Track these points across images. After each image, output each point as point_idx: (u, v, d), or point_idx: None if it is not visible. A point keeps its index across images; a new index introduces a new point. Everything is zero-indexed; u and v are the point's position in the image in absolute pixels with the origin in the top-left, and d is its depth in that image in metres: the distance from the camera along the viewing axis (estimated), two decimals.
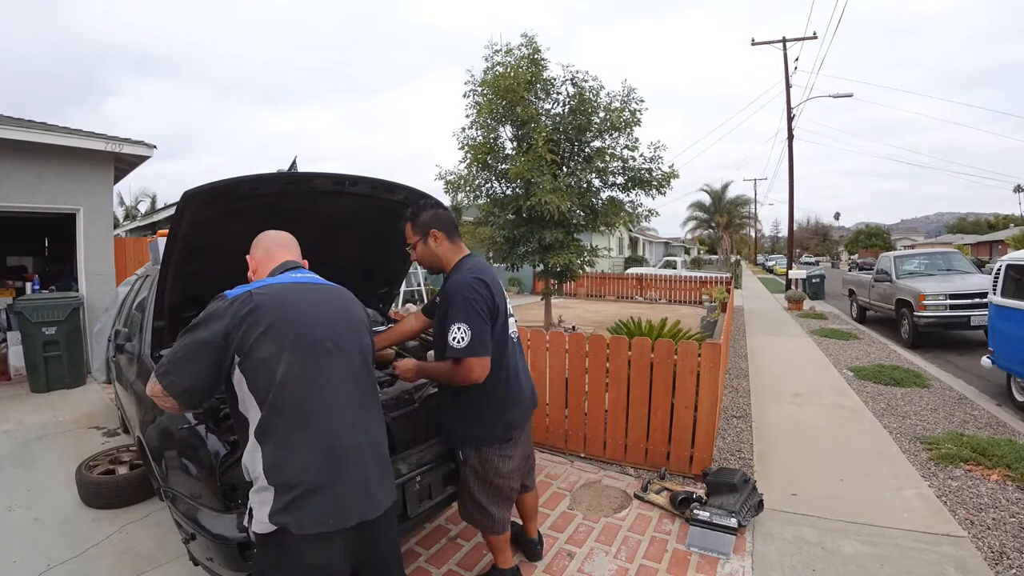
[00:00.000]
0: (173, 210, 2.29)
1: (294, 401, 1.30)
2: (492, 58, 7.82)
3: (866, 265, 24.03)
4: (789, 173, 15.46)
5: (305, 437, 1.30)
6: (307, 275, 1.55)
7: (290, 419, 1.30)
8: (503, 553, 2.18)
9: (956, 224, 72.39)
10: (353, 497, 1.32)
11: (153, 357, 2.49)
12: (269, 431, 1.30)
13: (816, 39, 15.06)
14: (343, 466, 1.33)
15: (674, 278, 16.60)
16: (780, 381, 5.75)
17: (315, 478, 1.28)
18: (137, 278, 3.95)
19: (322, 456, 1.31)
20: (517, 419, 2.07)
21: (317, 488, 1.27)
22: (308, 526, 1.25)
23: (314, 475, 1.28)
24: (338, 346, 1.41)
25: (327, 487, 1.29)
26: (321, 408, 1.33)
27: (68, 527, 2.73)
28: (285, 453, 1.29)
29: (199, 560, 1.85)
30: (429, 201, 2.19)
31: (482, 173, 8.11)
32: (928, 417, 4.42)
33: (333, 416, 1.35)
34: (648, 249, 35.79)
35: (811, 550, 2.47)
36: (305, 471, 1.28)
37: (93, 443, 3.90)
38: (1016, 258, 4.83)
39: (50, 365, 5.35)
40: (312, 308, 1.42)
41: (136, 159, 6.57)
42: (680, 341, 3.34)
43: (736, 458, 3.60)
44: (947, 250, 10.35)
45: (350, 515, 1.30)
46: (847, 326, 9.91)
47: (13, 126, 5.45)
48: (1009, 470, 3.23)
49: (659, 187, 7.95)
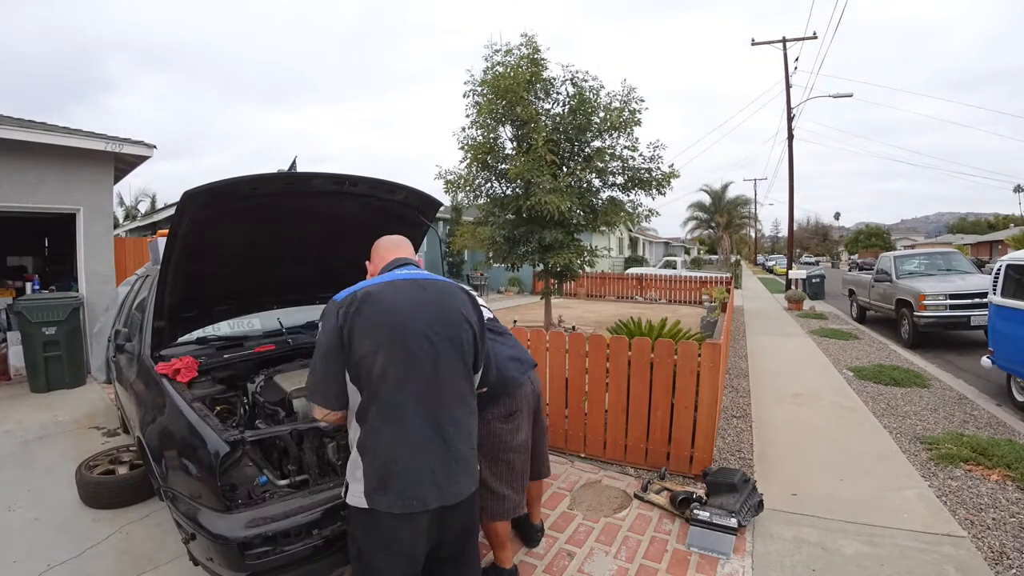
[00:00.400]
0: (173, 210, 2.29)
1: (387, 392, 1.42)
2: (492, 58, 7.82)
3: (866, 265, 24.02)
4: (789, 173, 15.46)
5: (394, 425, 1.43)
6: (413, 271, 1.63)
7: (383, 408, 1.43)
8: (505, 549, 2.19)
9: (956, 224, 72.39)
10: (436, 482, 1.43)
11: (153, 357, 2.49)
12: (365, 415, 1.44)
13: (816, 39, 15.07)
14: (428, 453, 1.44)
15: (674, 278, 16.59)
16: (780, 381, 5.75)
17: (401, 463, 1.41)
18: (137, 278, 3.95)
19: (410, 443, 1.43)
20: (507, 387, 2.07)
21: (400, 471, 1.40)
22: (395, 506, 1.39)
23: (400, 460, 1.41)
24: (432, 340, 1.49)
25: (411, 471, 1.41)
26: (413, 400, 1.44)
27: (68, 527, 2.72)
28: (376, 437, 1.43)
29: (199, 560, 1.85)
30: (431, 202, 2.19)
31: (482, 173, 8.11)
32: (928, 417, 4.42)
33: (423, 408, 1.45)
34: (648, 249, 35.78)
35: (811, 550, 2.47)
36: (392, 456, 1.41)
37: (93, 443, 3.90)
38: (1016, 258, 4.83)
39: (50, 365, 5.34)
40: (409, 303, 1.50)
41: (136, 159, 6.56)
42: (680, 341, 3.34)
43: (736, 458, 3.60)
44: (947, 250, 10.35)
45: (432, 498, 1.42)
46: (847, 326, 9.91)
47: (13, 126, 5.45)
48: (1009, 470, 3.23)
49: (659, 187, 7.95)
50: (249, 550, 1.65)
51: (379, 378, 1.42)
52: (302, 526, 1.76)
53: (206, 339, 2.93)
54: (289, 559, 1.72)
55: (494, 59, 7.79)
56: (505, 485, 2.08)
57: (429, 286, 1.58)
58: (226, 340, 2.96)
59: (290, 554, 1.72)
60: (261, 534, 1.68)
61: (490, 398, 2.04)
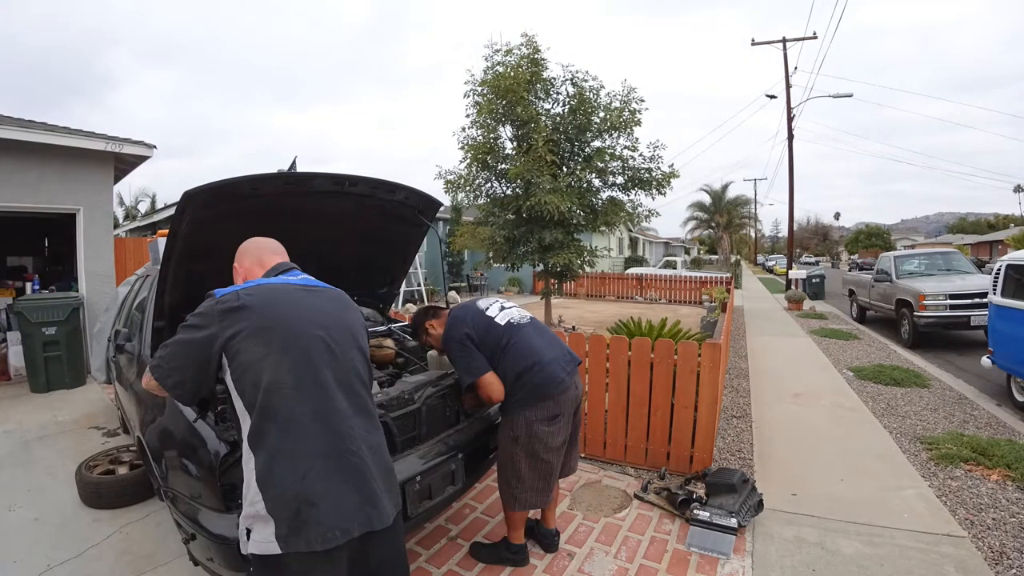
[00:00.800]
0: (173, 210, 2.29)
1: (285, 406, 1.24)
2: (492, 58, 7.83)
3: (866, 265, 24.02)
4: (789, 173, 15.46)
5: (298, 445, 1.22)
6: (301, 277, 1.52)
7: (282, 425, 1.23)
8: (518, 529, 2.32)
9: (956, 224, 72.38)
10: (356, 506, 1.24)
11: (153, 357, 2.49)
12: (260, 439, 1.23)
13: (816, 39, 15.08)
14: (343, 474, 1.25)
15: (674, 278, 16.59)
16: (780, 381, 5.74)
17: (313, 488, 1.20)
18: (137, 278, 3.95)
19: (319, 464, 1.23)
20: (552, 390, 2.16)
21: (316, 500, 1.19)
22: (315, 542, 1.17)
23: (311, 485, 1.20)
24: (332, 349, 1.35)
25: (327, 497, 1.21)
26: (314, 413, 1.26)
27: (68, 527, 2.72)
28: (278, 463, 1.21)
29: (199, 560, 1.85)
30: (431, 202, 2.20)
31: (482, 173, 8.11)
32: (928, 417, 4.42)
33: (328, 422, 1.27)
34: (648, 249, 35.78)
35: (811, 550, 2.47)
36: (301, 482, 1.20)
37: (93, 443, 3.90)
38: (1016, 258, 4.83)
39: (50, 365, 5.34)
40: (305, 310, 1.37)
41: (136, 159, 6.56)
42: (680, 341, 3.35)
43: (736, 458, 3.60)
44: (947, 250, 10.34)
45: (354, 526, 1.22)
46: (847, 326, 9.91)
47: (13, 126, 5.45)
48: (1009, 470, 3.23)
49: (659, 187, 7.95)
50: None
51: (269, 389, 1.23)
52: None
53: None
54: None
55: (494, 59, 7.80)
56: (542, 480, 2.21)
57: (322, 292, 1.48)
58: None
59: None
60: None
61: (531, 399, 2.13)
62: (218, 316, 1.28)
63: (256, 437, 1.24)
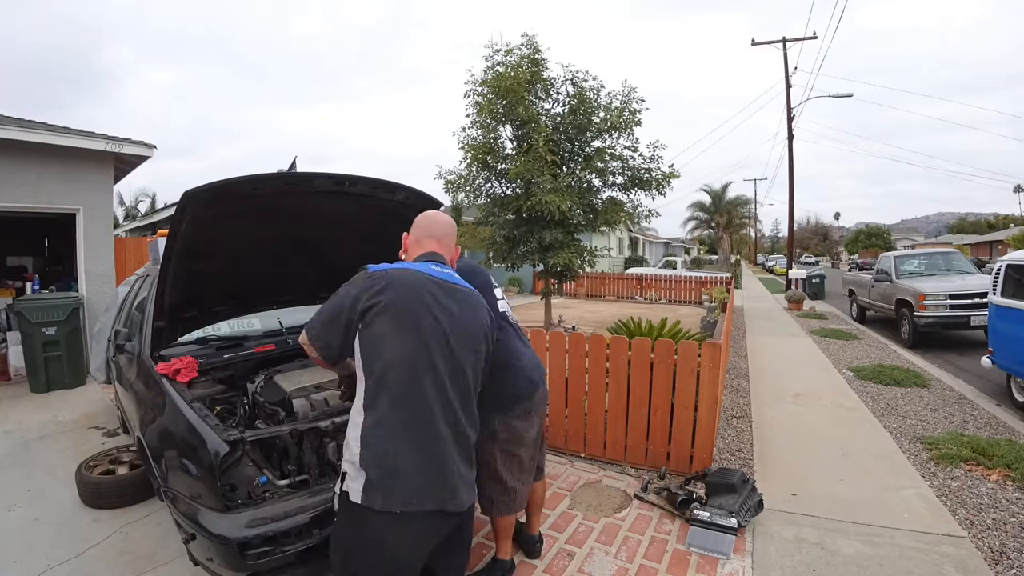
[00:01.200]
0: (173, 210, 2.30)
1: (398, 384, 1.38)
2: (492, 58, 7.83)
3: (866, 265, 24.02)
4: (789, 173, 15.46)
5: (401, 420, 1.37)
6: (445, 271, 1.60)
7: (392, 399, 1.38)
8: (507, 540, 2.27)
9: (956, 224, 72.37)
10: (436, 486, 1.38)
11: (153, 357, 2.49)
12: (373, 403, 1.38)
13: (816, 39, 15.08)
14: (430, 455, 1.38)
15: (674, 278, 16.59)
16: (780, 381, 5.74)
17: (403, 459, 1.35)
18: (137, 278, 3.95)
19: (413, 441, 1.37)
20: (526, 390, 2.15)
21: (403, 469, 1.34)
22: (392, 504, 1.32)
23: (403, 457, 1.35)
24: (450, 346, 1.46)
25: (411, 470, 1.35)
26: (421, 397, 1.40)
27: (68, 527, 2.72)
28: (381, 429, 1.37)
29: (199, 560, 1.85)
30: (431, 203, 2.20)
31: (482, 173, 8.11)
32: (928, 417, 4.42)
33: (431, 408, 1.40)
34: (648, 249, 35.79)
35: (811, 550, 2.47)
36: (395, 452, 1.35)
37: (93, 443, 3.90)
38: (1016, 258, 4.83)
39: (50, 365, 5.34)
40: (435, 304, 1.47)
41: (136, 159, 6.57)
42: (680, 341, 3.35)
43: (736, 458, 3.60)
44: (947, 250, 10.35)
45: (429, 501, 1.36)
46: (847, 326, 9.91)
47: (13, 126, 5.45)
48: (1009, 470, 3.23)
49: (659, 187, 7.95)
50: (249, 550, 1.66)
51: (389, 365, 1.38)
52: (302, 526, 1.76)
53: (206, 339, 2.93)
54: (289, 559, 1.72)
55: (495, 59, 7.80)
56: (516, 480, 2.16)
57: (457, 291, 1.56)
58: (226, 340, 2.96)
59: (290, 554, 1.72)
60: (261, 534, 1.68)
61: (515, 398, 2.12)
62: (366, 286, 1.43)
63: (370, 400, 1.39)
